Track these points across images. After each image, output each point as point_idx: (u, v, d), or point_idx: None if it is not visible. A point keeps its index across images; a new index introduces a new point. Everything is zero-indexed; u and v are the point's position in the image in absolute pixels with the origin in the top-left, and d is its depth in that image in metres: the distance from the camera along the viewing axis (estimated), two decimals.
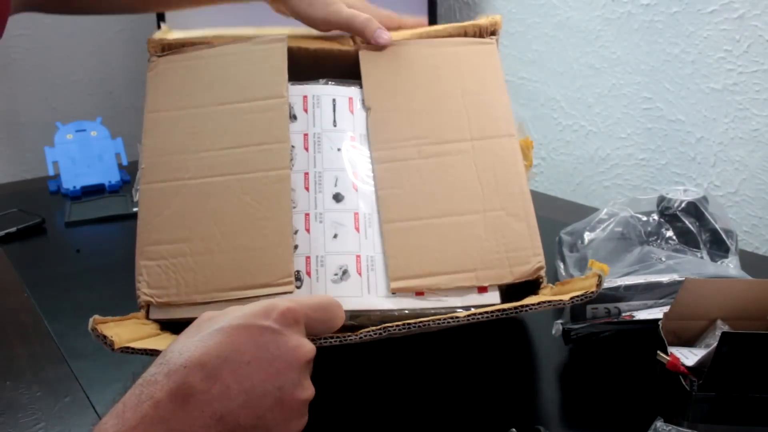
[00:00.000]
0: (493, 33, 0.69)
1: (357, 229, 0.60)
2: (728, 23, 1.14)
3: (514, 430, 0.51)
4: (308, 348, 0.46)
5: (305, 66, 0.68)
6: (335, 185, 0.61)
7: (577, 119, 1.44)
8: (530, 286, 0.60)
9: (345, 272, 0.58)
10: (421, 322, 0.53)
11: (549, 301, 0.55)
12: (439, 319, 0.53)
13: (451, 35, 0.69)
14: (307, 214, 0.60)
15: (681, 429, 0.50)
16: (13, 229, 0.96)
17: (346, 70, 0.68)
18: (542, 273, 0.59)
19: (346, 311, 0.53)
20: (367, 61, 0.67)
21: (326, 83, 0.67)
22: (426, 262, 0.59)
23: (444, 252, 0.59)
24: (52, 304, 0.75)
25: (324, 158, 0.63)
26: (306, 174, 0.62)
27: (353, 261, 0.59)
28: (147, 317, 0.59)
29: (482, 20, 0.70)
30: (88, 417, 0.58)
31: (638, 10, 1.27)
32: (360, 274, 0.58)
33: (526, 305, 0.54)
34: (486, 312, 0.54)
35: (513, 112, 0.66)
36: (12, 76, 1.70)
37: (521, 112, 1.53)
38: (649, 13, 1.25)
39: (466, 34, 0.69)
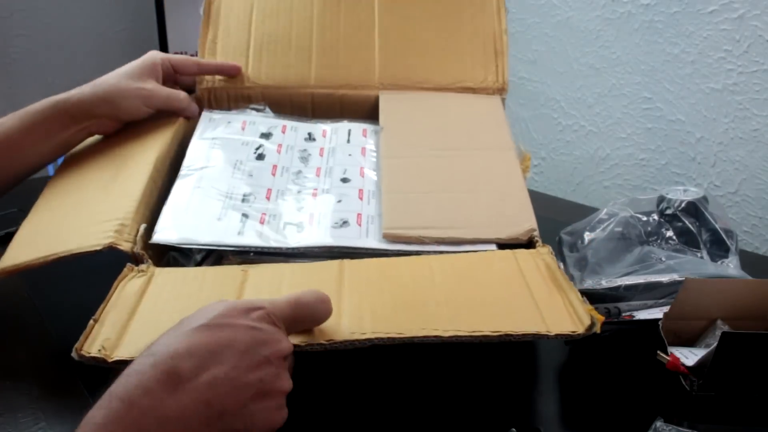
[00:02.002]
0: (500, 93, 0.79)
1: (360, 198, 0.66)
2: (728, 23, 1.14)
3: (514, 430, 0.51)
4: (285, 345, 0.48)
5: (331, 110, 0.79)
6: (344, 173, 0.69)
7: (577, 119, 1.44)
8: None
9: (345, 222, 0.63)
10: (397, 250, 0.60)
11: (535, 334, 0.51)
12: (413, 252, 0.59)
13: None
14: (315, 190, 0.67)
15: (681, 429, 0.50)
16: (13, 229, 0.96)
17: (368, 113, 0.78)
18: (535, 234, 0.62)
19: (343, 247, 0.58)
20: (385, 100, 0.78)
21: (345, 121, 0.77)
22: (420, 218, 0.63)
23: (439, 213, 0.64)
24: (52, 304, 0.75)
25: (336, 159, 0.71)
26: (318, 168, 0.70)
27: (354, 216, 0.64)
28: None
29: (491, 83, 0.79)
30: None
31: (638, 10, 1.27)
32: (360, 225, 0.63)
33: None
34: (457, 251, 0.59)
35: (513, 112, 0.69)
36: (12, 76, 1.70)
37: (521, 112, 1.53)
38: (649, 13, 1.25)
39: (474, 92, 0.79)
